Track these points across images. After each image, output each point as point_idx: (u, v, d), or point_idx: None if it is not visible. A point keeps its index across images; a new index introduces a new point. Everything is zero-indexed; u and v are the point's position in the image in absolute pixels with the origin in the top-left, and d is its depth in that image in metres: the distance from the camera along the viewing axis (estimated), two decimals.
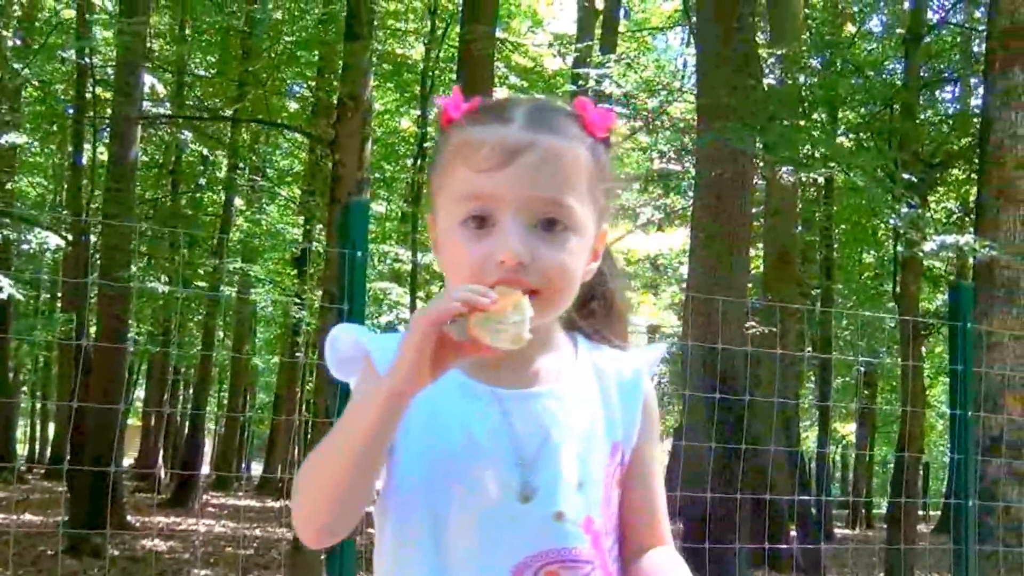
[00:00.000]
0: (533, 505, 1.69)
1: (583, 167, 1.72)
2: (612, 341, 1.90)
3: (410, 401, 1.61)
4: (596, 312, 1.91)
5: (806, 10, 17.37)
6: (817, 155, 12.02)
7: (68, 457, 15.95)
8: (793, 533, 16.39)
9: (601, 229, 1.80)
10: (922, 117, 17.69)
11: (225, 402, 35.57)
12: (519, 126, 1.68)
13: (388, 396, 1.59)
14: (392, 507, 1.75)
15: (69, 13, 22.59)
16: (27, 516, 19.38)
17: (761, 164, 11.43)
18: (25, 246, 17.29)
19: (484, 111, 1.74)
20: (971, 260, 10.43)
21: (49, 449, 36.62)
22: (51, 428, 37.40)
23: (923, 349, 22.16)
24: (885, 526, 20.22)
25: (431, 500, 1.71)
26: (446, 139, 1.76)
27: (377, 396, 1.60)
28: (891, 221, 11.98)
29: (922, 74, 16.83)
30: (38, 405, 39.82)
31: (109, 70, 19.81)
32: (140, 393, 38.80)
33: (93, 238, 17.62)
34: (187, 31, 21.67)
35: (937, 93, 19.17)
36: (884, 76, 17.79)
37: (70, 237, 17.79)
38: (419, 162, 20.68)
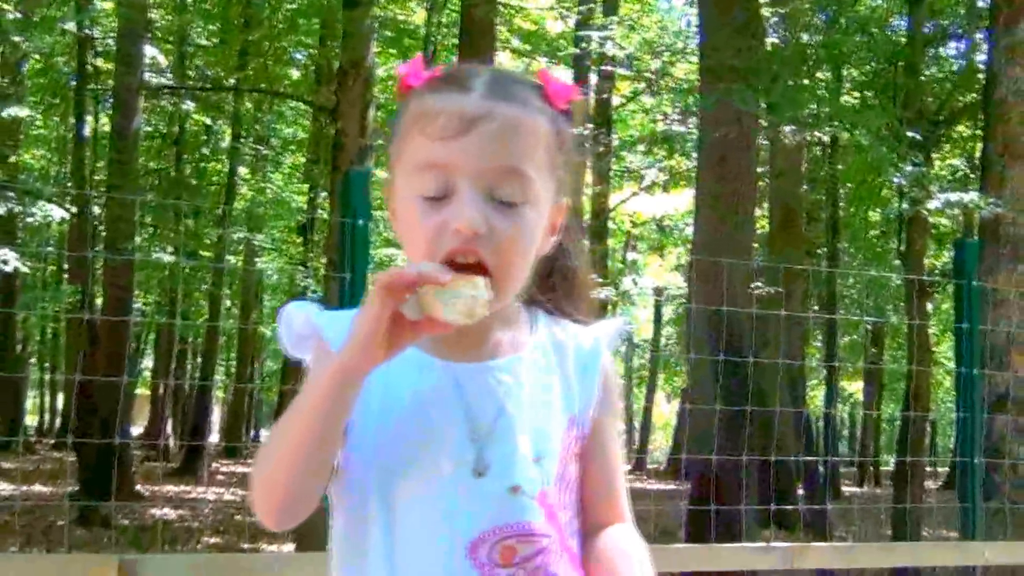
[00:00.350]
0: (488, 479, 1.67)
1: (542, 138, 1.69)
2: (573, 316, 1.88)
3: (365, 378, 1.60)
4: (556, 287, 1.88)
5: None
6: (821, 114, 11.99)
7: (74, 428, 15.96)
8: (800, 492, 16.43)
9: (560, 202, 1.77)
10: (927, 74, 17.61)
11: (233, 370, 35.69)
12: (479, 95, 1.66)
13: (342, 371, 1.58)
14: (347, 483, 1.73)
15: None
16: (36, 487, 19.47)
17: (765, 125, 11.37)
18: (30, 219, 17.27)
19: (444, 79, 1.71)
20: (977, 216, 10.40)
21: (58, 420, 36.78)
22: (60, 399, 37.55)
23: (930, 306, 22.15)
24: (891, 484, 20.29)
25: (385, 476, 1.69)
26: (404, 107, 1.73)
27: (331, 372, 1.59)
28: (895, 179, 11.94)
29: (926, 30, 16.72)
30: (47, 376, 39.92)
31: (110, 41, 19.76)
32: (148, 363, 38.94)
33: (97, 210, 17.62)
34: (187, 0, 21.58)
35: (941, 49, 19.04)
36: (888, 32, 17.68)
37: (74, 209, 17.79)
38: None
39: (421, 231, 1.65)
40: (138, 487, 18.46)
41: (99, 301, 18.48)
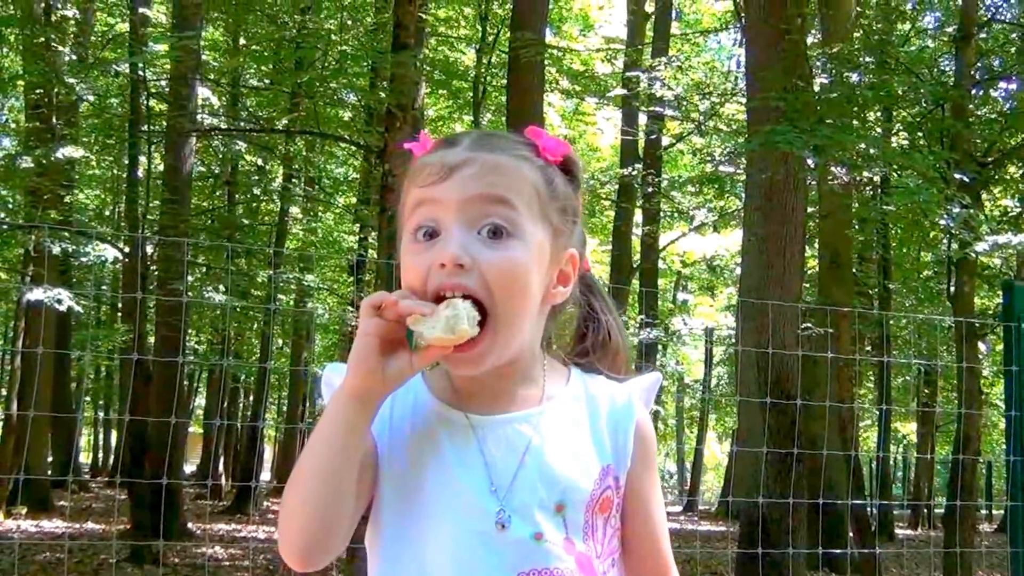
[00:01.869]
0: (510, 530, 1.70)
1: (528, 180, 1.75)
2: (609, 373, 1.92)
3: (372, 405, 1.66)
4: (592, 350, 1.94)
5: (858, 8, 17.21)
6: (869, 154, 11.94)
7: (122, 467, 16.09)
8: (851, 535, 16.26)
9: (568, 252, 1.82)
10: (976, 115, 17.50)
11: (284, 409, 35.80)
12: (463, 148, 1.74)
13: (344, 396, 1.65)
14: (378, 535, 1.78)
15: (123, 27, 22.85)
16: (89, 524, 19.60)
17: (811, 166, 11.33)
18: (83, 259, 17.46)
19: (438, 143, 1.80)
20: None
21: (112, 458, 37.01)
22: (113, 437, 37.80)
23: (984, 348, 21.92)
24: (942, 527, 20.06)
25: (412, 527, 1.74)
26: (407, 174, 1.82)
27: (335, 399, 1.67)
28: (943, 221, 11.87)
29: (975, 72, 16.64)
30: (100, 414, 40.19)
31: (163, 83, 19.99)
32: (201, 401, 39.16)
33: (150, 249, 17.78)
34: (240, 42, 21.82)
35: (991, 91, 18.93)
36: (936, 75, 17.61)
37: (127, 249, 17.97)
38: None
39: (412, 272, 1.71)
40: (189, 525, 18.55)
41: (151, 340, 18.61)
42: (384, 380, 1.64)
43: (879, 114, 17.67)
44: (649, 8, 24.31)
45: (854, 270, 19.60)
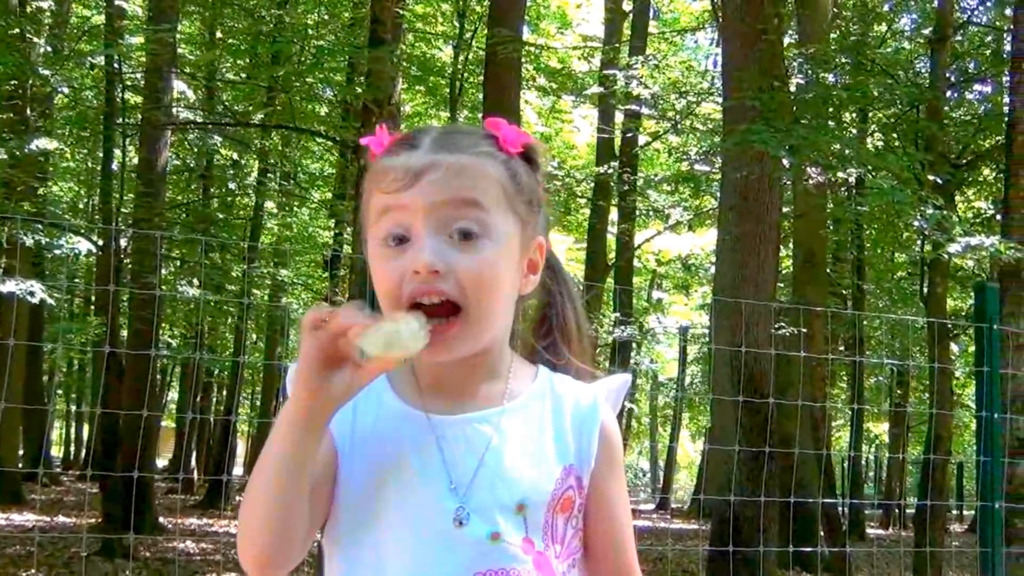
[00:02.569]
0: (468, 528, 1.70)
1: (494, 177, 1.74)
2: (572, 364, 1.93)
3: (321, 418, 1.64)
4: (551, 333, 1.94)
5: (835, 9, 17.27)
6: (844, 155, 11.98)
7: (94, 460, 16.05)
8: (822, 534, 16.34)
9: (536, 241, 1.83)
10: (952, 116, 17.59)
11: (258, 405, 35.72)
12: (424, 150, 1.72)
13: (292, 410, 1.63)
14: (336, 534, 1.78)
15: (99, 19, 22.76)
16: (60, 518, 19.53)
17: (787, 166, 11.37)
18: (57, 251, 17.38)
19: (398, 142, 1.78)
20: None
21: (84, 451, 36.89)
22: (85, 430, 37.67)
23: (956, 349, 22.01)
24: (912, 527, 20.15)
25: (370, 527, 1.73)
26: (367, 174, 1.80)
27: (283, 413, 1.64)
28: (917, 222, 11.93)
29: (949, 74, 16.72)
30: (72, 408, 40.05)
31: (139, 76, 19.92)
32: (174, 396, 39.04)
33: (124, 243, 17.71)
34: (217, 36, 21.75)
35: (967, 93, 19.03)
36: (911, 76, 17.70)
37: (101, 242, 17.90)
38: None
39: (385, 279, 1.71)
40: (161, 520, 18.49)
41: (124, 333, 18.54)
42: (328, 398, 1.62)
43: (854, 115, 17.75)
44: (627, 6, 24.30)
45: (828, 270, 19.68)
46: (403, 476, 1.74)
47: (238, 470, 34.80)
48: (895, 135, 17.57)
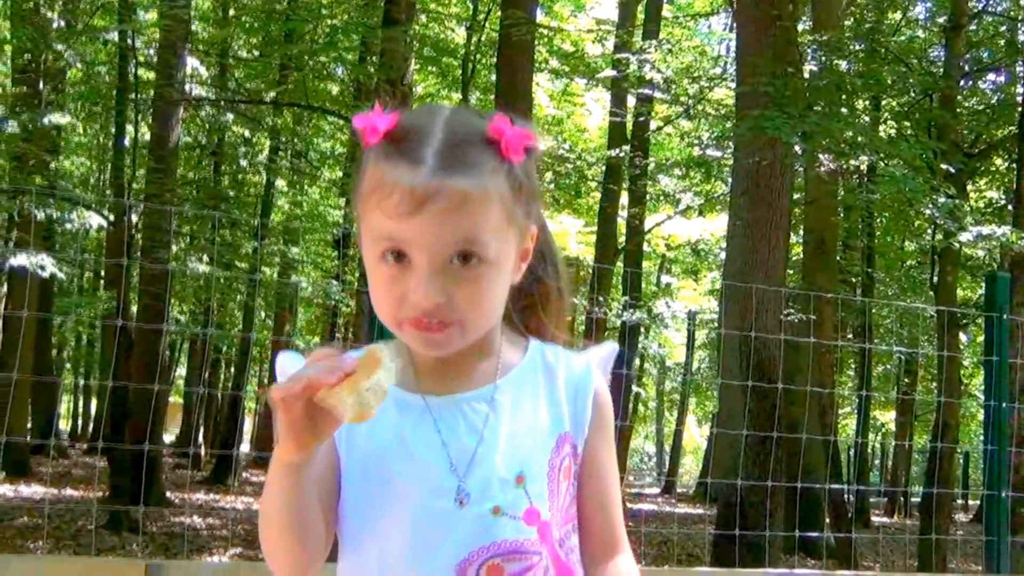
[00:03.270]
0: (469, 506, 1.74)
1: (496, 200, 1.72)
2: (558, 338, 1.95)
3: (310, 462, 1.66)
4: (531, 306, 1.95)
5: None
6: (856, 142, 11.96)
7: (104, 434, 16.11)
8: (828, 520, 16.36)
9: (529, 232, 1.83)
10: (966, 105, 17.55)
11: (266, 381, 35.76)
12: (428, 168, 1.67)
13: (282, 464, 1.65)
14: (343, 519, 1.81)
15: None
16: (68, 491, 19.60)
17: (799, 152, 11.35)
18: (68, 225, 17.39)
19: (397, 143, 1.72)
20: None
21: (92, 425, 36.97)
22: (93, 405, 37.74)
23: (964, 338, 21.99)
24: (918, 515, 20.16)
25: (374, 513, 1.77)
26: (366, 163, 1.77)
27: (275, 464, 1.66)
28: (928, 211, 11.92)
29: (963, 63, 16.67)
30: (81, 382, 40.14)
31: (152, 52, 19.92)
32: (182, 371, 39.08)
33: (135, 218, 17.73)
34: (230, 13, 21.72)
35: (980, 82, 18.98)
36: (925, 64, 17.66)
37: (112, 217, 17.93)
38: None
39: (385, 300, 1.73)
40: (168, 494, 18.56)
41: (134, 309, 18.58)
42: (317, 442, 1.63)
43: (867, 102, 17.71)
44: None
45: (838, 257, 19.65)
46: (403, 461, 1.77)
47: (245, 447, 34.88)
48: (908, 123, 17.53)
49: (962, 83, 16.81)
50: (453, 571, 1.72)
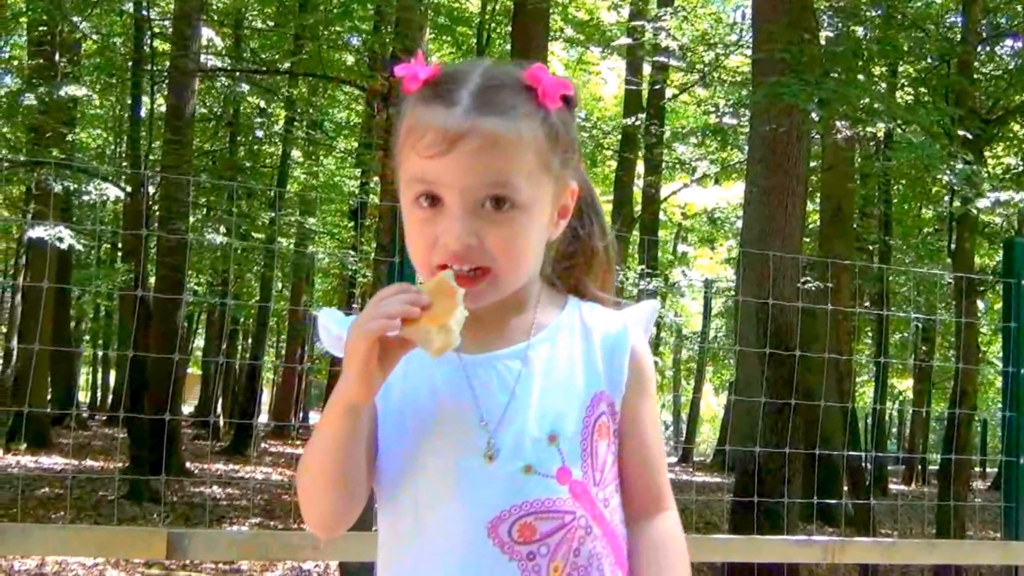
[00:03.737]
0: (499, 462, 1.74)
1: (530, 144, 1.74)
2: (603, 299, 1.95)
3: (368, 406, 1.72)
4: (576, 266, 1.96)
5: None
6: (873, 109, 11.91)
7: (126, 405, 16.19)
8: (845, 488, 16.38)
9: (567, 187, 1.84)
10: (983, 71, 17.44)
11: (283, 352, 35.90)
12: (462, 109, 1.70)
13: (344, 403, 1.68)
14: (380, 473, 1.83)
15: None
16: (88, 461, 19.71)
17: (816, 119, 11.31)
18: (85, 197, 17.43)
19: (434, 88, 1.76)
20: None
21: (110, 396, 37.14)
22: (112, 376, 37.89)
23: (981, 305, 21.93)
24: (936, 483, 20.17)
25: (409, 465, 1.78)
26: (404, 110, 1.80)
27: (335, 404, 1.69)
28: (945, 177, 11.88)
29: (981, 29, 16.56)
30: (99, 353, 40.29)
31: (167, 23, 19.91)
32: (200, 343, 39.21)
33: (152, 189, 17.77)
34: None
35: (998, 48, 18.84)
36: (942, 30, 17.54)
37: (129, 188, 17.97)
38: None
39: (419, 243, 1.75)
40: (187, 464, 18.65)
41: (152, 280, 18.64)
42: (383, 378, 1.68)
43: (884, 68, 17.62)
44: None
45: (855, 224, 19.61)
46: (436, 417, 1.78)
47: (263, 418, 35.04)
48: (925, 89, 17.43)
49: (979, 48, 16.68)
50: (484, 528, 1.73)
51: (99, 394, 41.74)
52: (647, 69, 23.25)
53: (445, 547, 1.74)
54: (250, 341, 31.42)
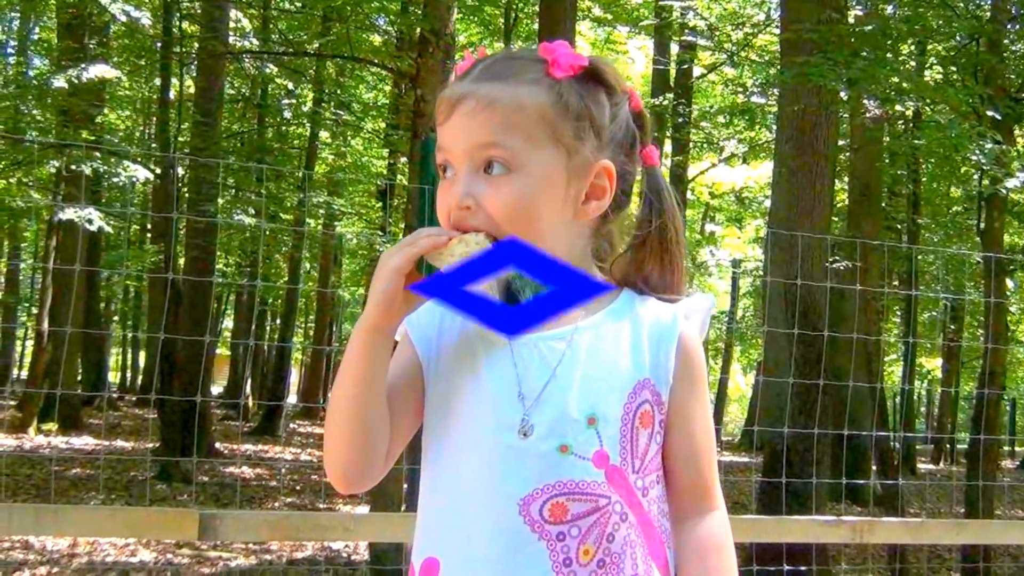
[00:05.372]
0: (534, 440, 1.75)
1: (531, 112, 1.77)
2: (662, 292, 1.93)
3: (392, 334, 1.78)
4: (636, 257, 1.94)
5: None
6: (902, 88, 11.85)
7: (157, 386, 16.30)
8: (874, 468, 16.37)
9: (598, 165, 1.84)
10: (1013, 49, 17.32)
11: (311, 333, 35.99)
12: (470, 79, 1.80)
13: (367, 331, 1.74)
14: (425, 443, 1.86)
15: None
16: (119, 442, 19.84)
17: (844, 99, 11.26)
18: (115, 179, 17.49)
19: (466, 69, 1.86)
20: None
21: (140, 377, 37.33)
22: (141, 357, 38.10)
23: (1011, 284, 21.85)
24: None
25: (448, 437, 1.82)
26: None
27: (358, 335, 1.75)
28: (975, 157, 11.80)
29: (1011, 7, 16.44)
30: (129, 335, 40.52)
31: (196, 5, 19.94)
32: (229, 324, 39.36)
33: (181, 171, 17.83)
34: None
35: None
36: (971, 8, 17.43)
37: (158, 170, 18.04)
38: None
39: (439, 209, 1.83)
40: (217, 445, 18.76)
41: (181, 262, 18.72)
42: (400, 312, 1.77)
43: (913, 47, 17.52)
44: None
45: (884, 204, 19.52)
46: (476, 388, 1.80)
47: (292, 398, 35.18)
48: (954, 68, 17.32)
49: (1009, 26, 16.56)
50: (516, 505, 1.73)
51: (129, 375, 41.97)
52: (675, 48, 23.18)
53: (476, 516, 1.76)
54: (278, 322, 31.55)
